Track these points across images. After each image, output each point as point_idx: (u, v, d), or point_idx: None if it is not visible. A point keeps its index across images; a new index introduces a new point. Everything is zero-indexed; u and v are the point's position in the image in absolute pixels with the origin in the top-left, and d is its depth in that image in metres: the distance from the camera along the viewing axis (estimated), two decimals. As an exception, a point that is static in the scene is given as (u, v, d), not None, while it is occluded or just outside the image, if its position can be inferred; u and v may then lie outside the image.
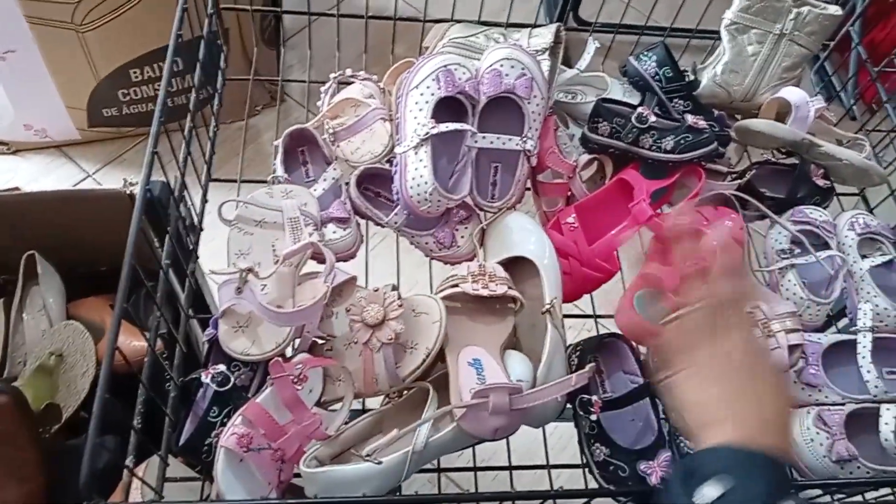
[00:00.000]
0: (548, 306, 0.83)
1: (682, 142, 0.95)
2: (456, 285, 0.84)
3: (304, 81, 1.11)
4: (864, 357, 0.91)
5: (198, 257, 0.92)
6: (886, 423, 0.86)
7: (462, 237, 0.94)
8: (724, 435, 0.56)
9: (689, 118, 0.97)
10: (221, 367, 0.77)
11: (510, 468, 0.86)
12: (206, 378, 0.76)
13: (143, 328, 1.14)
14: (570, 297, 0.92)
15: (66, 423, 1.09)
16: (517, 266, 0.89)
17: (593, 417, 0.81)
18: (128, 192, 1.09)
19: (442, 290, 0.85)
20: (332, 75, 1.01)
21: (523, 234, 0.92)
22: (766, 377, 0.63)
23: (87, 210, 1.17)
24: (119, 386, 0.76)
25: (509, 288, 0.83)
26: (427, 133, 0.86)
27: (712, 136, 0.96)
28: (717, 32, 1.08)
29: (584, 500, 0.76)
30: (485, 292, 0.82)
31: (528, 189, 0.99)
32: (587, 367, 0.77)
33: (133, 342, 1.15)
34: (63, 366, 1.12)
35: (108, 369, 0.62)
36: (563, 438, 0.85)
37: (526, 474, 0.89)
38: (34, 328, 1.17)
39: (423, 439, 0.74)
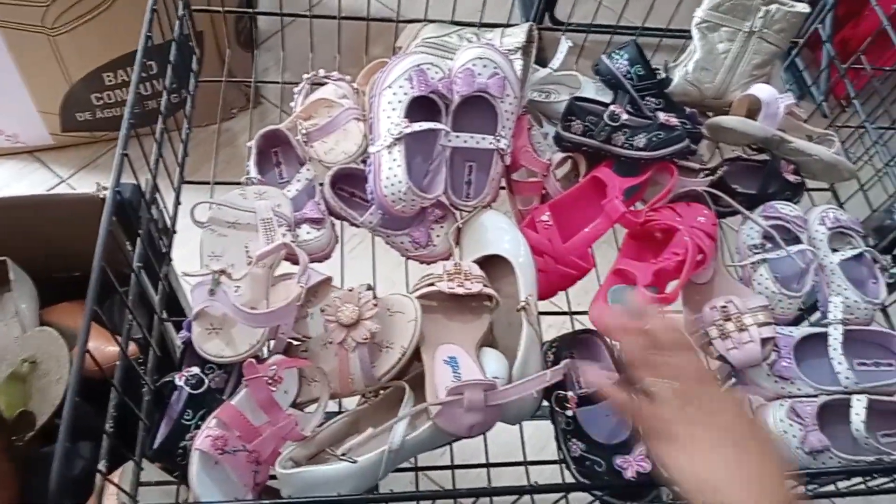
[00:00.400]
0: (523, 303, 0.83)
1: (654, 139, 0.95)
2: (431, 284, 0.84)
3: (277, 83, 1.11)
4: (835, 349, 0.92)
5: (171, 260, 0.91)
6: (857, 414, 0.87)
7: (438, 236, 0.94)
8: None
9: (661, 116, 0.98)
10: (195, 370, 0.77)
11: (488, 465, 0.87)
12: (179, 381, 0.76)
13: (117, 333, 1.13)
14: (545, 294, 0.92)
15: (40, 431, 1.07)
16: (493, 264, 0.89)
17: (569, 413, 0.82)
18: (101, 196, 1.08)
19: (418, 289, 0.85)
20: (305, 76, 1.01)
21: (498, 232, 0.92)
22: (760, 442, 0.64)
23: (60, 215, 1.16)
24: (94, 392, 0.75)
25: (485, 286, 0.84)
26: (400, 132, 0.87)
27: (684, 134, 0.97)
28: (689, 31, 1.09)
29: (561, 494, 0.76)
30: (460, 290, 0.82)
31: (503, 188, 1.00)
32: (562, 363, 0.78)
33: (107, 347, 1.14)
34: (36, 372, 1.10)
35: (78, 373, 0.61)
36: (543, 437, 0.85)
37: (505, 473, 0.89)
38: (6, 335, 1.16)
39: (400, 438, 0.74)
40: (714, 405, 0.65)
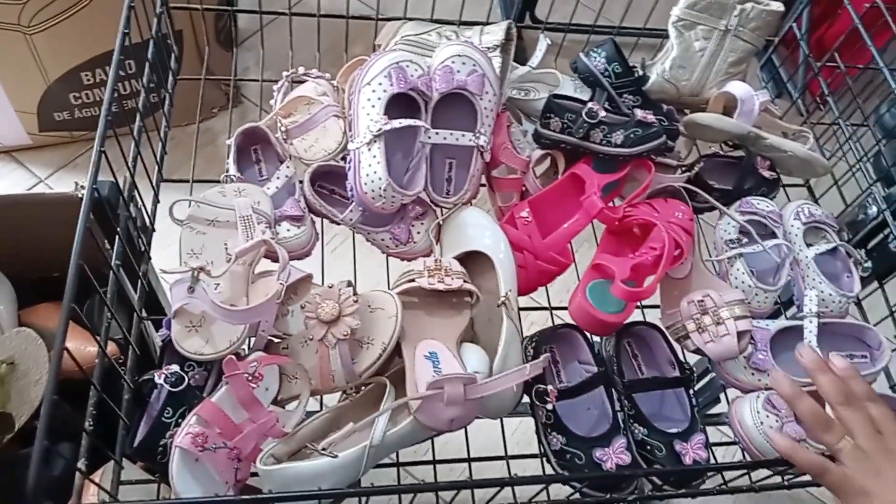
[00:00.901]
0: (503, 299, 0.84)
1: (631, 136, 0.96)
2: (412, 280, 0.84)
3: (256, 80, 1.11)
4: (810, 342, 0.93)
5: (150, 258, 0.91)
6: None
7: (418, 233, 0.95)
8: None
9: (639, 112, 0.99)
10: (175, 368, 0.76)
11: (469, 460, 0.87)
12: (159, 378, 0.75)
13: (97, 334, 1.13)
14: (525, 290, 0.93)
15: (19, 433, 1.06)
16: (473, 260, 0.90)
17: (549, 407, 0.82)
18: (80, 195, 1.07)
19: (398, 286, 0.85)
20: (285, 73, 1.01)
21: (478, 229, 0.93)
22: None
23: (39, 215, 1.15)
24: (75, 394, 0.75)
25: (465, 282, 0.84)
26: (380, 129, 0.87)
27: (661, 130, 0.98)
28: (665, 31, 1.10)
29: (541, 487, 0.77)
30: (440, 286, 0.83)
31: (484, 185, 1.00)
32: (541, 357, 0.78)
33: (87, 348, 1.13)
34: (15, 374, 1.09)
35: (56, 370, 0.61)
36: (529, 433, 0.86)
37: (487, 469, 0.90)
38: (-16, 336, 1.15)
39: (381, 433, 0.74)
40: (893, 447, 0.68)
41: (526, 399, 0.86)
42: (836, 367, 0.77)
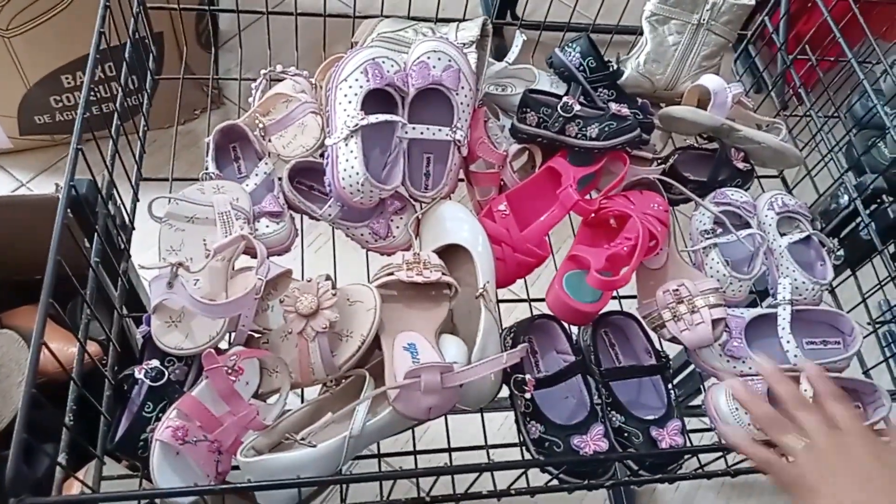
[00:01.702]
0: (481, 290, 0.85)
1: (606, 129, 0.98)
2: (391, 273, 0.85)
3: (236, 79, 1.12)
4: (783, 329, 0.95)
5: (130, 256, 0.91)
6: (805, 391, 0.90)
7: (397, 227, 0.96)
8: None
9: (613, 106, 1.00)
10: (155, 363, 0.77)
11: (449, 450, 0.88)
12: (139, 374, 0.76)
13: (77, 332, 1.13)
14: (504, 282, 0.94)
15: (1, 435, 1.06)
16: (452, 254, 0.91)
17: (527, 396, 0.83)
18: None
19: (377, 279, 0.86)
20: (263, 71, 1.02)
21: (457, 222, 0.94)
22: None
23: (19, 217, 1.15)
24: (60, 396, 0.75)
25: (443, 274, 0.85)
26: (356, 125, 0.88)
27: (635, 123, 0.99)
28: (638, 28, 1.12)
29: (520, 473, 0.78)
30: (419, 279, 0.84)
31: (462, 180, 1.01)
32: (519, 347, 0.79)
33: (69, 348, 1.13)
34: (-3, 376, 1.10)
35: (35, 364, 0.61)
36: (512, 430, 0.87)
37: (467, 458, 0.90)
38: (-35, 338, 1.15)
39: (360, 423, 0.75)
40: (849, 445, 0.67)
41: (505, 391, 0.87)
42: (807, 371, 0.77)
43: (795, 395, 0.74)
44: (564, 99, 0.98)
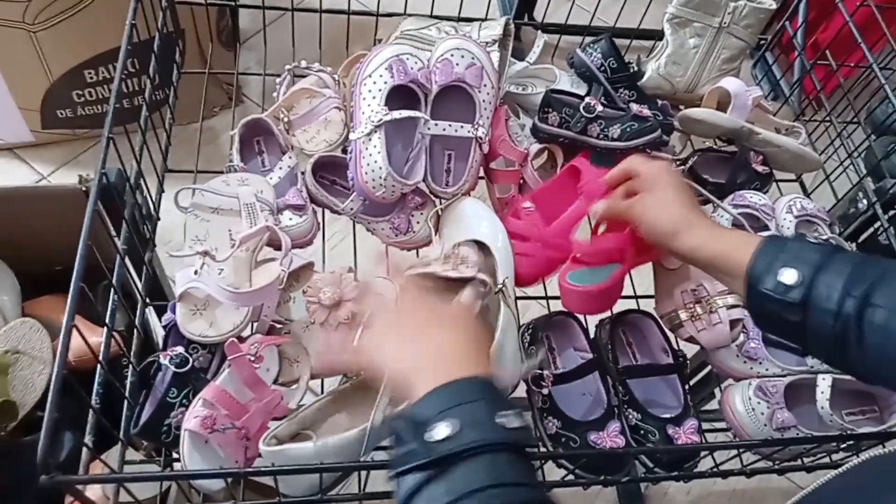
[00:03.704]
0: (500, 286, 0.86)
1: (627, 129, 0.98)
2: (427, 265, 0.86)
3: (259, 74, 1.13)
4: (801, 330, 0.95)
5: (155, 245, 0.92)
6: (822, 392, 0.90)
7: (418, 223, 0.96)
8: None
9: (634, 107, 1.01)
10: (179, 349, 0.78)
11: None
12: (164, 360, 0.77)
13: (101, 324, 1.14)
14: (532, 278, 0.93)
15: (22, 422, 1.08)
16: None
17: (545, 392, 0.84)
18: (84, 188, 1.09)
19: (413, 269, 0.87)
20: (288, 67, 1.03)
21: (476, 218, 0.95)
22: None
23: (43, 208, 1.16)
24: (82, 384, 0.76)
25: (478, 271, 0.86)
26: (380, 120, 0.89)
27: (656, 124, 1.00)
28: (659, 32, 1.12)
29: (537, 466, 0.78)
30: (453, 274, 0.84)
31: (482, 177, 1.02)
32: (537, 357, 0.80)
33: (92, 338, 1.14)
34: (19, 363, 1.11)
35: (66, 344, 0.62)
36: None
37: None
38: (-12, 326, 1.16)
39: (381, 415, 0.76)
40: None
41: (523, 387, 0.88)
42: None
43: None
44: (587, 99, 0.99)
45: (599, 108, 0.99)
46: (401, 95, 0.92)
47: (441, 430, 0.52)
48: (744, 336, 0.93)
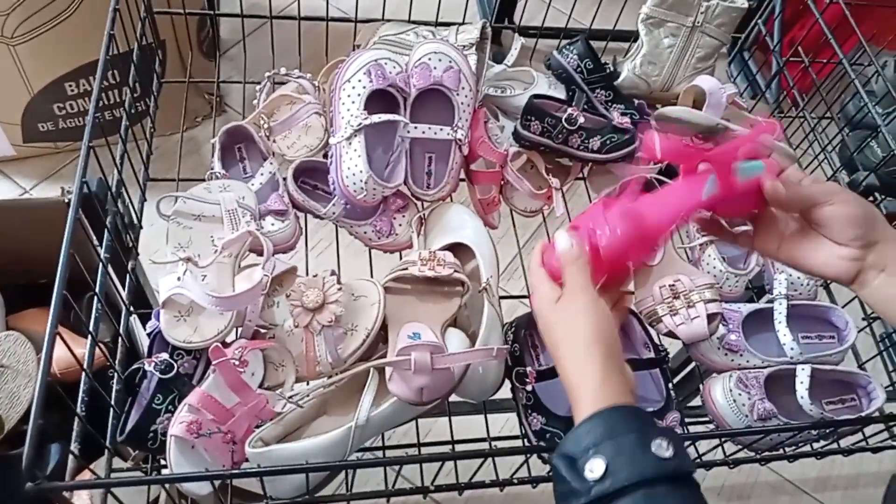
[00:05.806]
0: (484, 285, 0.87)
1: (607, 142, 1.00)
2: (406, 268, 0.87)
3: (240, 82, 1.14)
4: (780, 322, 0.97)
5: (138, 254, 0.93)
6: (801, 383, 0.92)
7: (400, 225, 0.97)
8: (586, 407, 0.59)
9: (616, 117, 1.02)
10: (164, 356, 0.78)
11: (452, 443, 0.90)
12: (149, 366, 0.77)
13: (87, 329, 1.14)
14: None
15: (7, 436, 1.07)
16: (456, 254, 0.92)
17: (529, 388, 0.85)
18: (66, 200, 1.09)
19: (392, 273, 0.88)
20: (267, 74, 1.04)
21: (461, 223, 0.96)
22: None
23: (26, 221, 1.16)
24: (68, 395, 0.76)
25: (456, 271, 0.87)
26: (360, 124, 0.90)
27: (634, 137, 1.01)
28: (633, 33, 1.14)
29: (522, 461, 0.79)
30: (430, 273, 0.85)
31: (463, 180, 1.03)
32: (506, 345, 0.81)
33: (78, 349, 1.14)
34: (4, 377, 1.11)
35: (49, 354, 0.63)
36: (516, 429, 0.89)
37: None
38: (-28, 340, 1.16)
39: (366, 413, 0.77)
40: None
41: (508, 388, 0.89)
42: None
43: None
44: (569, 111, 0.99)
45: (581, 119, 0.99)
46: (380, 99, 0.93)
47: (597, 466, 0.54)
48: (724, 328, 0.95)
